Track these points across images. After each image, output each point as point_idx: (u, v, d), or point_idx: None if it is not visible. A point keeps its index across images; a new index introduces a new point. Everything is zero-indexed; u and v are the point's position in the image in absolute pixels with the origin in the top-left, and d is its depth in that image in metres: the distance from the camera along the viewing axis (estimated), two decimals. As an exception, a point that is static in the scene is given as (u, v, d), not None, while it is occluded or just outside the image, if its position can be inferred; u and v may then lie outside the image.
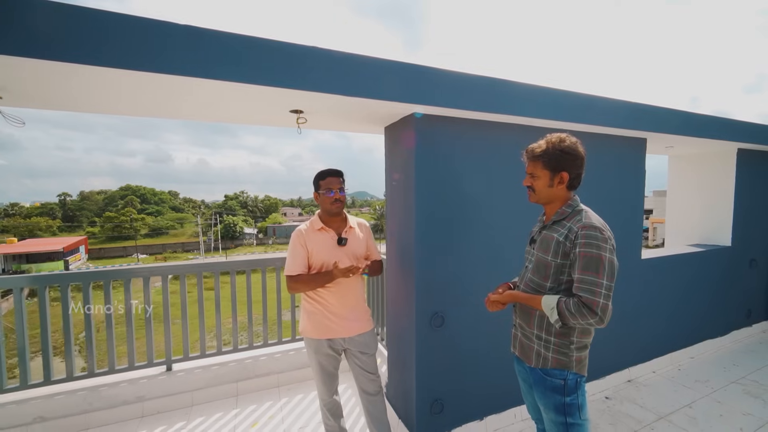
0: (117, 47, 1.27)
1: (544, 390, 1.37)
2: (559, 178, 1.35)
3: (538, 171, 1.38)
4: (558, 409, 1.33)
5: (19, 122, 1.49)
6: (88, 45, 1.23)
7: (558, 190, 1.37)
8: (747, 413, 2.45)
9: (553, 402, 1.34)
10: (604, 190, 2.62)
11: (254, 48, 1.47)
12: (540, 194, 1.40)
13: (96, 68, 1.27)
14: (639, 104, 2.53)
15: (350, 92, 1.66)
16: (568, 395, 1.32)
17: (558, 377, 1.34)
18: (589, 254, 1.23)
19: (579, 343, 1.34)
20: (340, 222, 1.92)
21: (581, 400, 1.34)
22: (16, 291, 2.23)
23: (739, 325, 3.68)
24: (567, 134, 1.38)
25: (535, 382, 1.40)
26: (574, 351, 1.34)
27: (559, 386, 1.33)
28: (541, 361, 1.37)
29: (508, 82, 2.02)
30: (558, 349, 1.34)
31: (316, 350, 1.86)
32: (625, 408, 2.52)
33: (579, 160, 1.35)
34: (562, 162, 1.34)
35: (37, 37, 1.19)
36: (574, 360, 1.34)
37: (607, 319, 1.19)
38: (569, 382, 1.33)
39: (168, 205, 68.76)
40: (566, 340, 1.33)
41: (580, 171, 1.37)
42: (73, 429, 2.27)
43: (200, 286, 2.67)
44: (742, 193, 3.50)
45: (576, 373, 1.34)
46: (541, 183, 1.38)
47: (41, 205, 61.69)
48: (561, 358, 1.34)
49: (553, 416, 1.35)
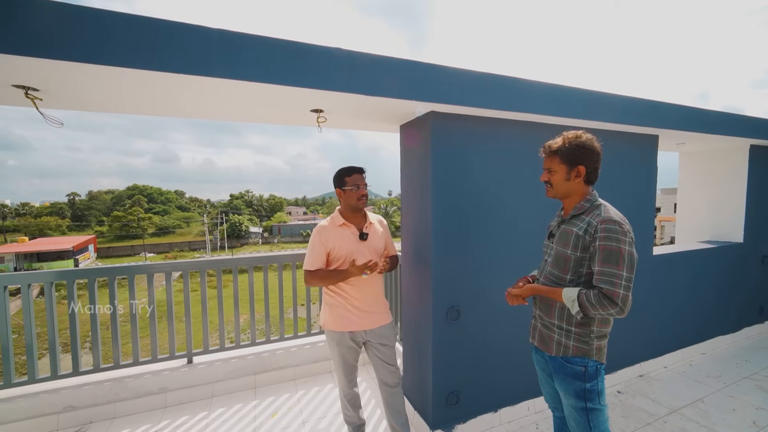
0: (151, 50, 1.33)
1: (564, 377, 1.40)
2: (576, 172, 1.39)
3: (555, 166, 1.42)
4: (578, 395, 1.37)
5: (57, 123, 1.57)
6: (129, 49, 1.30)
7: (575, 184, 1.40)
8: (760, 407, 2.47)
9: (574, 388, 1.38)
10: (617, 186, 2.65)
11: (277, 49, 1.52)
12: (557, 188, 1.44)
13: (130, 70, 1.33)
14: (651, 101, 2.55)
15: (369, 92, 1.71)
16: (588, 381, 1.36)
17: (579, 364, 1.38)
18: (609, 247, 1.26)
19: (599, 333, 1.38)
20: (360, 218, 1.97)
21: (601, 386, 1.39)
22: (47, 285, 2.32)
23: (751, 321, 3.68)
24: (583, 131, 1.42)
25: (555, 370, 1.44)
26: (594, 339, 1.38)
27: (580, 373, 1.37)
28: (562, 350, 1.41)
29: (521, 80, 2.06)
30: (579, 338, 1.38)
31: (338, 343, 1.91)
32: (637, 402, 2.55)
33: (595, 154, 1.39)
34: (579, 156, 1.37)
35: (77, 39, 1.25)
36: (595, 348, 1.38)
37: (627, 309, 1.23)
38: (590, 368, 1.37)
39: (174, 204, 69.51)
40: (587, 330, 1.37)
41: (596, 165, 1.40)
42: (100, 417, 2.36)
43: (219, 282, 2.75)
44: (755, 190, 3.49)
45: (596, 360, 1.38)
46: (558, 177, 1.41)
47: (51, 204, 62.70)
48: (582, 347, 1.38)
49: (574, 402, 1.39)
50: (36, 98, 1.54)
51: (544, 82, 2.12)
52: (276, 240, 52.17)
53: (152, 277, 2.55)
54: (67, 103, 1.69)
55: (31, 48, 1.20)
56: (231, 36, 1.44)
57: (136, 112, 1.97)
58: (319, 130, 2.09)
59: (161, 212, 61.77)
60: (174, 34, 1.36)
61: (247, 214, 63.45)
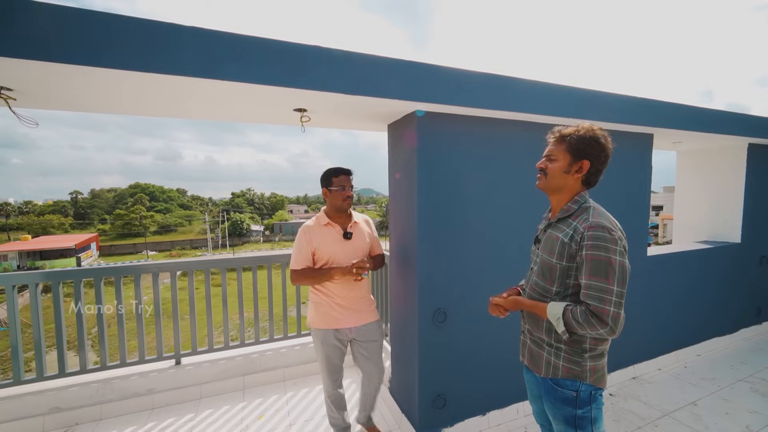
0: (128, 50, 1.30)
1: (554, 401, 1.25)
2: (578, 167, 1.23)
3: (558, 153, 1.26)
4: (568, 421, 1.22)
5: (32, 123, 1.54)
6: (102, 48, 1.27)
7: (572, 179, 1.25)
8: (754, 411, 2.43)
9: (563, 414, 1.23)
10: (610, 186, 2.58)
11: (256, 47, 1.49)
12: (551, 179, 1.27)
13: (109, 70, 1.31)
14: (645, 99, 2.50)
15: (352, 91, 1.68)
16: (580, 408, 1.21)
17: (570, 388, 1.22)
18: (597, 257, 1.12)
19: (593, 351, 1.21)
20: (345, 218, 1.98)
21: (596, 413, 1.22)
22: (32, 287, 2.31)
23: (749, 323, 3.63)
24: (599, 127, 1.28)
25: (545, 392, 1.29)
26: (588, 360, 1.21)
27: (571, 398, 1.21)
28: (551, 370, 1.25)
29: (510, 78, 2.02)
30: (569, 357, 1.22)
31: (323, 341, 1.91)
32: (629, 405, 2.52)
33: (604, 154, 1.24)
34: (588, 149, 1.22)
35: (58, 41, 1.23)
36: (588, 370, 1.21)
37: (619, 330, 1.08)
38: (582, 393, 1.21)
39: (176, 202, 69.76)
40: (578, 348, 1.21)
41: (601, 167, 1.26)
42: (86, 419, 2.35)
43: (207, 283, 2.73)
44: (753, 189, 3.43)
45: (590, 384, 1.21)
46: (557, 166, 1.25)
47: (54, 203, 63.09)
48: (573, 368, 1.21)
49: (563, 428, 1.24)
50: (9, 98, 1.51)
51: (533, 80, 2.08)
52: (277, 238, 52.28)
53: (139, 279, 2.53)
54: (41, 102, 1.66)
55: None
56: (206, 34, 1.41)
57: (114, 111, 1.95)
58: (302, 129, 2.06)
59: (163, 210, 61.99)
60: (148, 32, 1.33)
61: (249, 213, 63.60)
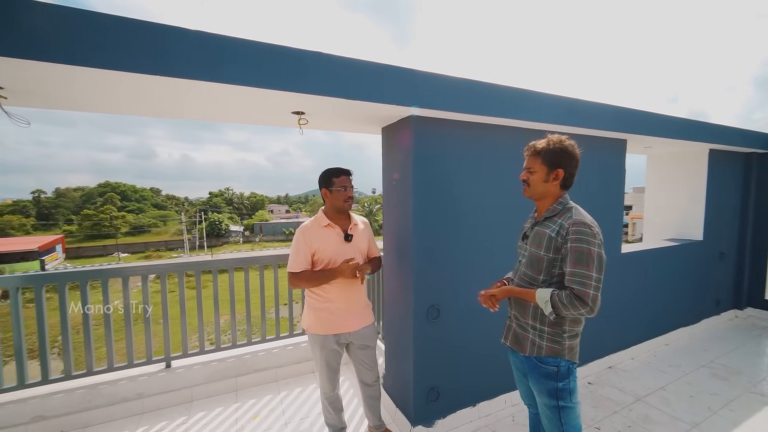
0: (126, 50, 1.30)
1: (538, 377, 1.45)
2: (555, 175, 1.43)
3: (536, 166, 1.45)
4: (551, 394, 1.43)
5: (24, 122, 1.50)
6: (101, 48, 1.27)
7: (551, 186, 1.45)
8: (714, 393, 2.67)
9: (547, 387, 1.43)
10: (587, 188, 2.78)
11: (259, 52, 1.52)
12: (534, 189, 1.48)
13: (107, 71, 1.30)
14: (620, 108, 2.69)
15: (350, 95, 1.73)
16: (560, 381, 1.41)
17: (551, 364, 1.42)
18: (580, 249, 1.32)
19: (571, 332, 1.43)
20: (345, 219, 1.97)
21: (572, 384, 1.44)
22: (12, 290, 2.21)
23: (709, 313, 3.95)
24: (567, 137, 1.47)
25: (530, 370, 1.48)
26: (567, 339, 1.42)
27: (553, 372, 1.42)
28: (536, 350, 1.45)
29: (498, 86, 2.13)
30: (551, 338, 1.42)
31: (322, 346, 1.88)
32: (606, 392, 2.70)
33: (575, 160, 1.45)
34: (560, 159, 1.42)
35: (49, 40, 1.21)
36: (567, 348, 1.42)
37: (596, 309, 1.28)
38: (562, 368, 1.42)
39: (150, 202, 66.82)
40: (559, 329, 1.42)
41: (573, 171, 1.46)
42: (73, 426, 2.28)
43: (198, 284, 2.70)
44: (713, 191, 3.75)
45: (568, 360, 1.43)
46: (537, 177, 1.45)
47: (13, 202, 58.86)
48: (554, 347, 1.42)
49: (546, 400, 1.44)
50: (0, 96, 1.47)
51: (522, 89, 2.20)
52: (258, 239, 51.13)
53: (128, 281, 2.48)
54: (34, 101, 1.62)
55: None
56: (210, 38, 1.43)
57: (113, 112, 1.91)
58: (300, 132, 2.09)
59: (136, 210, 59.24)
60: (150, 34, 1.34)
61: (228, 213, 61.86)
